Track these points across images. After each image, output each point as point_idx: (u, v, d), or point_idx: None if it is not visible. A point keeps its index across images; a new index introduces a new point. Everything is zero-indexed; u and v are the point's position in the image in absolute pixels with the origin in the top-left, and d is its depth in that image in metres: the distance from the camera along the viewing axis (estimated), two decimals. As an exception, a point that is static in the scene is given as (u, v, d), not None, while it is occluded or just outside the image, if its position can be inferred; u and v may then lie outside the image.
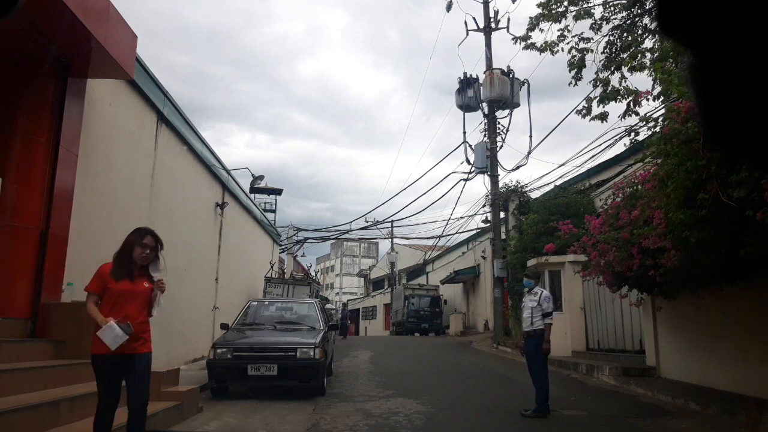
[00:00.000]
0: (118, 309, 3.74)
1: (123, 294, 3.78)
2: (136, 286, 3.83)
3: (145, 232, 3.92)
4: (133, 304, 3.79)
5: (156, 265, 3.92)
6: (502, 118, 20.05)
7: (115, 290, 3.76)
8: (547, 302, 7.21)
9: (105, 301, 3.78)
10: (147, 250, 3.83)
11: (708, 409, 6.92)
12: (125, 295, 3.78)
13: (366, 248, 72.55)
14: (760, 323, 7.06)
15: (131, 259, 3.83)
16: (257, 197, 25.82)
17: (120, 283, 3.78)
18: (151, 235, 3.89)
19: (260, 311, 10.20)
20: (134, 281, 3.83)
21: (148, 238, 3.87)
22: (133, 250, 3.84)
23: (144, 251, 3.83)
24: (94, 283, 3.87)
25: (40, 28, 5.94)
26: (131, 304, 3.79)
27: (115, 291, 3.76)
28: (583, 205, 15.11)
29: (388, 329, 37.65)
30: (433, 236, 30.54)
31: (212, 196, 13.97)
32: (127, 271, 3.83)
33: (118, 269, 3.82)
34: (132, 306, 3.79)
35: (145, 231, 3.93)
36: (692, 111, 5.35)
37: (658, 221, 6.58)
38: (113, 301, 3.75)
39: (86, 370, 6.03)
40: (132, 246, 3.85)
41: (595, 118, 11.55)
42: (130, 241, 3.89)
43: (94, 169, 7.49)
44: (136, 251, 3.83)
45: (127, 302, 3.78)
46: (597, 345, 12.48)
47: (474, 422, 6.79)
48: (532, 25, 11.91)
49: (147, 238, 3.86)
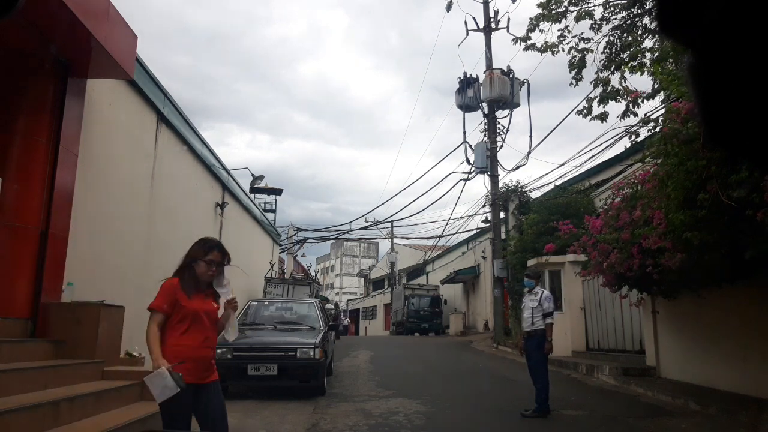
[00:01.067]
0: (197, 330, 3.17)
1: (198, 313, 3.19)
2: (207, 304, 3.29)
3: (211, 246, 3.31)
4: (210, 325, 3.27)
5: (220, 281, 3.33)
6: (502, 118, 20.08)
7: (189, 308, 3.17)
8: (547, 302, 7.22)
9: (176, 321, 3.17)
10: (213, 267, 3.26)
11: (708, 409, 6.92)
12: (201, 314, 3.21)
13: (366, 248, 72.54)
14: (760, 323, 7.06)
15: (194, 275, 3.27)
16: (257, 197, 25.81)
17: (194, 299, 3.20)
18: (218, 250, 3.30)
19: (260, 311, 10.21)
20: (206, 299, 3.29)
21: (215, 254, 3.27)
22: (197, 265, 3.26)
23: (210, 269, 3.25)
24: (160, 299, 3.20)
25: (40, 28, 5.94)
26: (209, 325, 3.26)
27: (190, 309, 3.17)
28: (583, 205, 15.12)
29: (388, 329, 37.65)
30: (433, 236, 30.60)
31: (212, 196, 13.97)
32: (197, 286, 3.27)
33: (187, 284, 3.23)
34: (210, 327, 3.26)
35: (212, 244, 3.33)
36: (692, 111, 5.35)
37: (658, 221, 6.58)
38: (189, 321, 3.16)
39: (86, 370, 6.05)
40: (195, 260, 3.28)
41: (595, 118, 11.54)
42: (192, 255, 3.31)
43: (94, 169, 7.49)
44: (200, 267, 3.24)
45: (204, 324, 3.23)
46: (597, 345, 12.48)
47: (474, 422, 6.79)
48: (532, 25, 11.90)
49: (213, 253, 3.26)
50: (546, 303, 7.20)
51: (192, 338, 3.13)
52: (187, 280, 3.25)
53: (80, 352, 6.19)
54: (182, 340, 3.11)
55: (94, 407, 5.31)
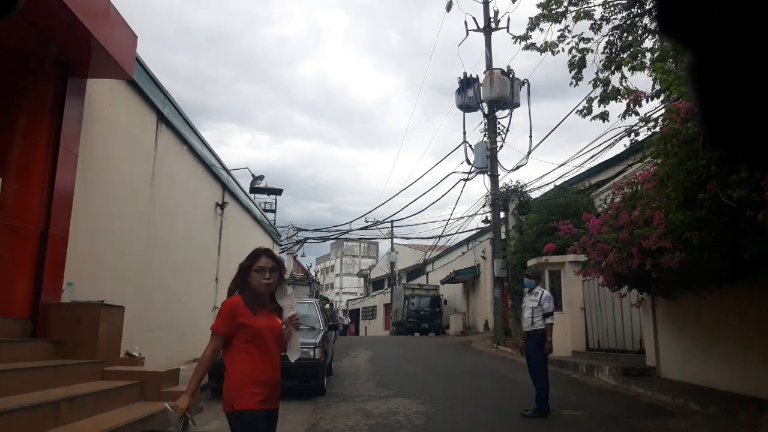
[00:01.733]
0: (265, 352, 2.84)
1: (263, 330, 2.85)
2: (272, 321, 2.92)
3: (259, 252, 2.97)
4: (274, 345, 2.90)
5: (282, 293, 2.96)
6: (502, 118, 20.08)
7: (254, 326, 2.83)
8: (548, 302, 7.22)
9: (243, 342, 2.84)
10: (266, 274, 2.87)
11: (708, 409, 6.92)
12: (265, 331, 2.86)
13: (366, 248, 72.53)
14: (760, 323, 7.06)
15: (252, 290, 2.92)
16: (257, 197, 25.80)
17: (259, 316, 2.86)
18: (266, 255, 2.94)
19: (260, 311, 10.19)
20: (270, 314, 2.93)
21: (264, 259, 2.90)
22: (251, 278, 2.92)
23: (263, 276, 2.87)
24: (219, 320, 2.92)
25: (40, 28, 5.94)
26: (274, 346, 2.89)
27: (255, 327, 2.83)
28: (583, 205, 15.11)
29: (388, 329, 37.66)
30: (433, 236, 30.58)
31: (212, 196, 13.97)
32: (260, 301, 2.91)
33: (250, 299, 2.89)
34: (276, 348, 2.90)
35: (259, 251, 2.99)
36: (692, 111, 5.35)
37: (658, 221, 6.58)
38: (257, 341, 2.84)
39: (86, 370, 6.05)
40: (247, 273, 2.94)
41: (595, 117, 11.55)
42: (244, 267, 2.97)
43: (94, 169, 7.49)
44: (254, 279, 2.89)
45: (272, 342, 2.88)
46: (597, 345, 12.48)
47: (474, 422, 6.79)
48: (532, 25, 11.90)
49: (262, 259, 2.90)
50: (546, 303, 7.20)
51: (263, 360, 2.83)
52: (249, 296, 2.90)
53: (80, 352, 6.19)
54: (255, 362, 2.82)
55: (94, 407, 5.31)
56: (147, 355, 7.96)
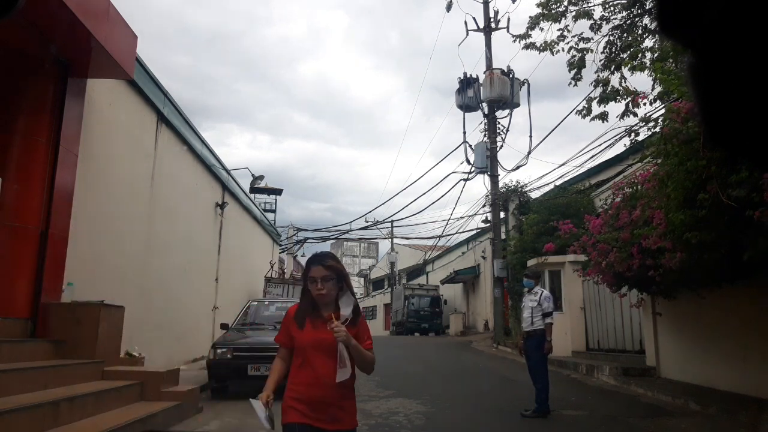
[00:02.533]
0: (308, 368, 2.68)
1: (310, 347, 2.68)
2: (319, 333, 2.68)
3: (309, 261, 2.77)
4: (321, 359, 2.66)
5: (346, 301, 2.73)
6: (502, 118, 20.08)
7: (298, 339, 2.73)
8: (547, 302, 7.22)
9: (296, 355, 2.76)
10: (318, 284, 2.66)
11: (708, 409, 6.92)
12: (312, 348, 2.68)
13: (366, 248, 72.52)
14: (760, 323, 7.06)
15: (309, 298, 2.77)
16: (257, 197, 25.81)
17: (304, 330, 2.71)
18: (319, 263, 2.71)
19: (260, 311, 10.20)
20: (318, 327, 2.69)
21: (316, 269, 2.70)
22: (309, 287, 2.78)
23: (315, 287, 2.68)
24: (280, 330, 2.91)
25: (40, 28, 5.94)
26: (320, 360, 2.66)
27: (299, 340, 2.72)
28: (583, 205, 15.11)
29: (388, 329, 37.65)
30: (433, 236, 30.55)
31: (212, 196, 13.97)
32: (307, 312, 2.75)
33: (301, 311, 2.77)
34: (322, 363, 2.65)
35: (313, 259, 2.77)
36: (692, 111, 5.35)
37: (658, 221, 6.58)
38: (303, 357, 2.71)
39: (86, 370, 6.05)
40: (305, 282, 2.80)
41: (595, 118, 11.54)
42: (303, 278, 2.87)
43: (94, 169, 7.49)
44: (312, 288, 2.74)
45: (316, 357, 2.67)
46: (597, 345, 12.48)
47: (474, 422, 6.79)
48: (531, 24, 11.90)
49: (314, 268, 2.71)
50: (545, 303, 7.20)
51: (305, 374, 2.66)
52: (301, 307, 2.78)
53: (80, 352, 6.19)
54: (296, 376, 2.70)
55: (94, 407, 5.31)
56: (147, 355, 7.97)
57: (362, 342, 2.66)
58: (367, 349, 2.69)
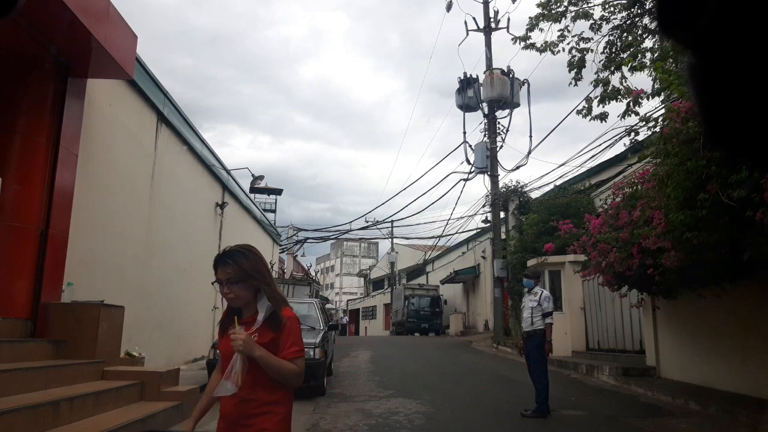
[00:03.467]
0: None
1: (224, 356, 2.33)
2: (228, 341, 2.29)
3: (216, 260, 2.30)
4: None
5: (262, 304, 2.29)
6: (502, 118, 20.09)
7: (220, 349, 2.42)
8: (547, 302, 7.22)
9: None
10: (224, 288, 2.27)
11: (708, 409, 6.93)
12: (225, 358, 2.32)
13: (366, 248, 72.52)
14: (760, 323, 7.06)
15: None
16: (257, 197, 25.82)
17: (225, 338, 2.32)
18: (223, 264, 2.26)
19: (260, 311, 10.19)
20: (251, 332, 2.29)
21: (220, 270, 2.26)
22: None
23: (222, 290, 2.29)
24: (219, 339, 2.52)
25: (40, 28, 5.94)
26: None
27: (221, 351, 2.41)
28: (583, 205, 15.12)
29: (388, 329, 37.65)
30: (433, 236, 30.55)
31: (212, 196, 13.97)
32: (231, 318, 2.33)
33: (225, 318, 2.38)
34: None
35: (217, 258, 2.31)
36: (692, 111, 5.35)
37: (658, 221, 6.58)
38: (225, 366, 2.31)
39: (86, 370, 6.05)
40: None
41: (595, 118, 11.53)
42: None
43: (94, 169, 7.49)
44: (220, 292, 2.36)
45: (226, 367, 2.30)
46: (597, 345, 12.48)
47: (474, 422, 6.79)
48: (531, 24, 11.89)
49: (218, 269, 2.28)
50: (545, 303, 7.20)
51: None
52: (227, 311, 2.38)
53: (80, 352, 6.19)
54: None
55: (94, 407, 5.31)
56: (147, 355, 7.97)
57: (282, 350, 2.19)
58: (290, 358, 2.18)
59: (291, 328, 2.27)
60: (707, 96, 0.61)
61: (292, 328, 2.27)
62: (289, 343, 2.22)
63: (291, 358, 2.20)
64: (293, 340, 2.24)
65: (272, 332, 2.23)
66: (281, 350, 2.20)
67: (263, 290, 2.28)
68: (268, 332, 2.23)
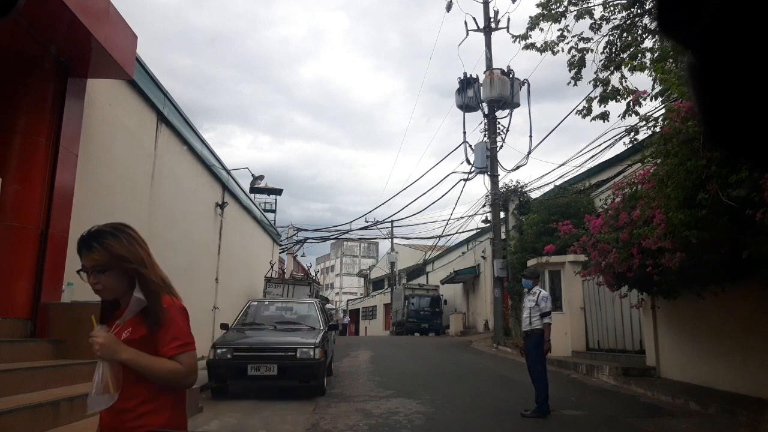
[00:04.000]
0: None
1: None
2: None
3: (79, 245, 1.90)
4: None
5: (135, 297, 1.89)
6: (502, 118, 20.09)
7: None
8: (544, 302, 7.22)
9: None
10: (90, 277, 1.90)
11: (708, 409, 6.92)
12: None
13: (366, 248, 72.52)
14: (760, 323, 7.06)
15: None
16: (257, 197, 25.83)
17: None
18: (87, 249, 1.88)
19: (260, 311, 10.20)
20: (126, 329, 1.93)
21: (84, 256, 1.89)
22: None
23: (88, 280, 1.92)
24: None
25: (40, 28, 5.94)
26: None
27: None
28: (583, 205, 15.12)
29: (388, 329, 37.65)
30: (433, 236, 30.55)
31: (212, 196, 13.97)
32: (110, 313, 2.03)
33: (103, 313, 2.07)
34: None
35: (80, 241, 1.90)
36: (692, 110, 5.35)
37: (658, 221, 6.58)
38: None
39: (86, 370, 6.04)
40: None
41: (595, 118, 11.54)
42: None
43: (94, 169, 7.49)
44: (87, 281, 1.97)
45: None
46: (597, 345, 12.47)
47: (474, 422, 6.79)
48: (531, 24, 11.90)
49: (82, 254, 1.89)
50: (543, 303, 7.20)
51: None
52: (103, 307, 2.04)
53: (80, 352, 6.18)
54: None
55: (94, 407, 5.30)
56: (147, 355, 7.96)
57: (161, 348, 1.83)
58: (171, 355, 1.82)
59: (170, 319, 1.86)
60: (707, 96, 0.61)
61: (172, 319, 1.86)
62: (168, 337, 1.84)
63: (172, 355, 1.82)
64: (173, 334, 1.85)
65: (147, 327, 1.84)
66: (161, 347, 1.83)
67: (137, 277, 1.89)
68: (141, 327, 1.85)
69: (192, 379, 1.91)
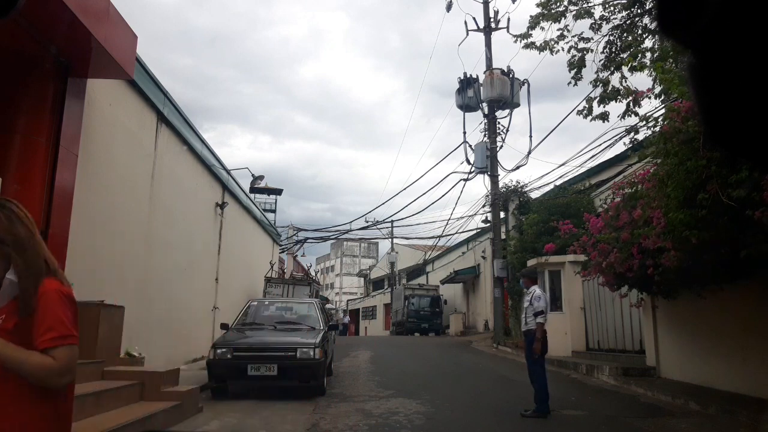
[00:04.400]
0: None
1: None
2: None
3: None
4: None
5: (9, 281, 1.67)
6: (502, 118, 20.09)
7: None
8: (537, 301, 7.20)
9: None
10: None
11: (708, 409, 6.93)
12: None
13: (366, 248, 72.52)
14: (760, 323, 7.06)
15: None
16: (257, 197, 25.82)
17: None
18: None
19: (260, 311, 10.21)
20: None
21: None
22: None
23: None
24: None
25: (40, 28, 5.94)
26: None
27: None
28: (583, 205, 15.12)
29: (388, 329, 37.65)
30: (433, 236, 30.54)
31: (212, 196, 13.97)
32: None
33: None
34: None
35: None
36: (692, 110, 5.35)
37: (658, 221, 6.59)
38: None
39: (86, 370, 6.04)
40: None
41: (595, 118, 11.54)
42: None
43: (94, 169, 7.49)
44: None
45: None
46: (597, 345, 12.47)
47: (474, 422, 6.79)
48: (532, 24, 11.90)
49: None
50: (536, 302, 7.18)
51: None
52: None
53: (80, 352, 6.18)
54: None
55: (94, 407, 5.31)
56: (147, 355, 7.96)
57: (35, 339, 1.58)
58: (43, 348, 1.57)
59: (46, 307, 1.60)
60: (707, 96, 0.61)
61: (47, 307, 1.61)
62: (43, 327, 1.58)
63: (45, 348, 1.57)
64: (49, 324, 1.59)
65: (19, 315, 1.60)
66: (35, 338, 1.58)
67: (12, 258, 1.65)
68: (15, 315, 1.61)
69: (67, 378, 1.64)
